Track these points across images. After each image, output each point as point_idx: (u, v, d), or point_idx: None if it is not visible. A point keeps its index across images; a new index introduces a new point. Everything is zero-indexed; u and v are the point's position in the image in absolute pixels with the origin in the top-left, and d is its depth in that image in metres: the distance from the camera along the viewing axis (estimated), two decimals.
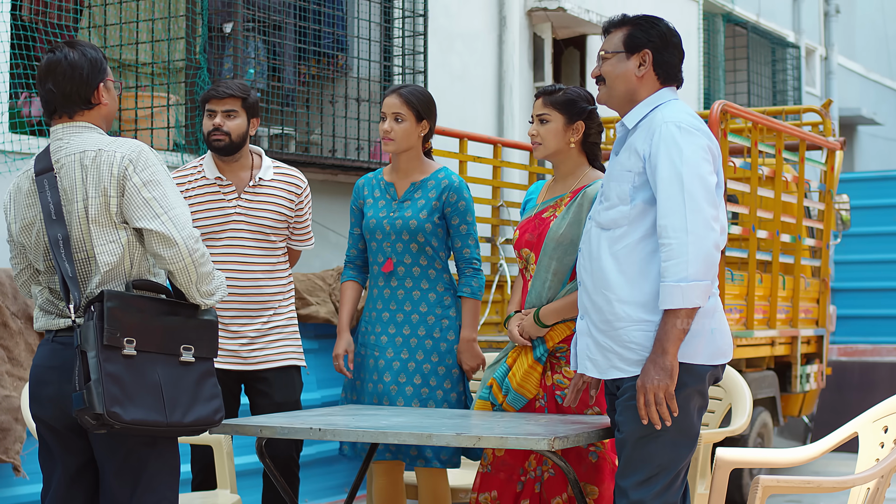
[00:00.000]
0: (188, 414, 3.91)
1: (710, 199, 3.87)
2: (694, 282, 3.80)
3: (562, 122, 4.78)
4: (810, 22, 17.28)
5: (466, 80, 10.09)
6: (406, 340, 5.14)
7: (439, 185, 5.17)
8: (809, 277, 9.15)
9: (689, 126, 3.93)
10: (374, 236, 5.19)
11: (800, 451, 4.44)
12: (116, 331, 3.82)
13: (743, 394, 5.33)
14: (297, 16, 8.10)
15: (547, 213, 4.82)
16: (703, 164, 3.89)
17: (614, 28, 4.12)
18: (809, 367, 8.92)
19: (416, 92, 5.15)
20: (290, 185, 5.39)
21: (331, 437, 4.21)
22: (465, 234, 5.19)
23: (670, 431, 3.90)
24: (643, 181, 3.96)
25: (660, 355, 3.84)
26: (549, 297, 4.75)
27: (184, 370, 3.95)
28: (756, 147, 7.87)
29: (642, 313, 3.92)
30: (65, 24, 7.20)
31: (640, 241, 3.96)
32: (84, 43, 4.09)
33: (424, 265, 5.15)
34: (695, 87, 13.62)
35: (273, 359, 5.31)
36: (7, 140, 6.36)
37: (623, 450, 3.97)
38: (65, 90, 3.98)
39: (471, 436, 4.04)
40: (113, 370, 3.77)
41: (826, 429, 10.02)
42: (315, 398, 7.14)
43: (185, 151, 7.35)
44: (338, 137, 8.33)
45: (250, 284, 5.27)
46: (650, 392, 3.84)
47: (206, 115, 5.30)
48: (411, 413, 4.73)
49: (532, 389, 4.75)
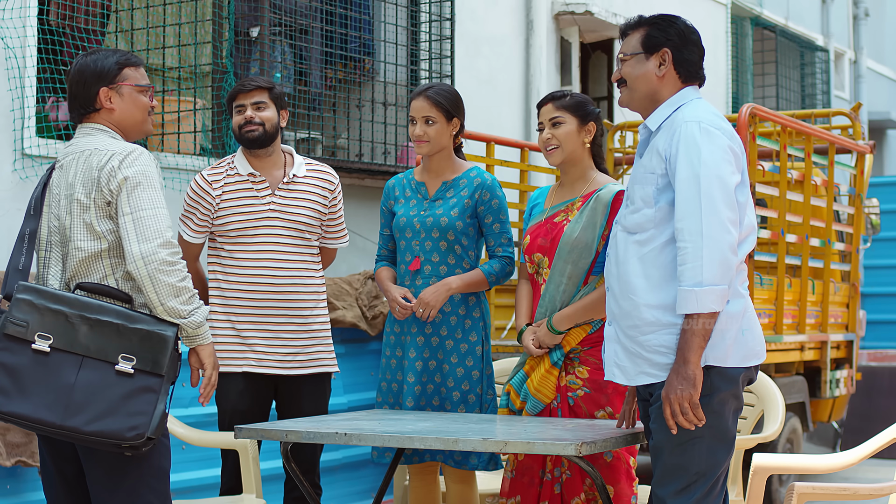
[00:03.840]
0: (93, 423, 3.81)
1: (728, 201, 3.80)
2: (709, 286, 3.75)
3: (576, 124, 4.81)
4: (839, 25, 17.18)
5: (493, 84, 10.07)
6: (428, 340, 5.11)
7: (472, 184, 5.15)
8: (839, 282, 9.09)
9: (710, 125, 3.87)
10: (403, 234, 5.17)
11: (838, 458, 4.38)
12: (24, 323, 3.82)
13: (776, 400, 5.28)
14: (323, 20, 8.10)
15: (559, 217, 4.81)
16: (722, 164, 3.83)
17: (632, 30, 4.08)
18: (839, 372, 8.85)
19: (443, 91, 5.13)
20: (323, 181, 5.37)
21: (356, 441, 4.19)
22: (499, 232, 5.17)
23: (706, 437, 3.84)
24: (666, 182, 3.91)
25: (681, 364, 3.79)
26: (563, 300, 4.75)
27: (117, 379, 3.85)
28: (785, 151, 7.82)
29: (671, 317, 3.87)
30: (92, 29, 7.22)
31: (666, 244, 3.90)
32: (105, 51, 4.17)
33: (452, 264, 5.13)
34: (723, 90, 13.54)
35: (308, 365, 5.29)
36: (34, 144, 6.37)
37: (659, 457, 3.90)
38: (71, 93, 4.12)
39: (497, 441, 4.02)
40: (8, 361, 3.82)
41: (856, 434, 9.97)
42: (342, 402, 7.12)
43: (212, 156, 7.35)
44: (365, 141, 8.32)
45: (286, 282, 5.24)
46: (674, 402, 3.79)
47: (236, 112, 5.27)
48: (437, 418, 4.71)
49: (549, 394, 4.75)
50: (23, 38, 6.34)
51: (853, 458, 4.35)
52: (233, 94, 5.30)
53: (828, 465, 4.38)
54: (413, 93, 5.19)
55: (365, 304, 7.32)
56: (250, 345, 5.22)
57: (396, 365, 5.17)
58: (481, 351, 5.15)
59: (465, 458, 5.03)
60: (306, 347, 5.29)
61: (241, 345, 5.21)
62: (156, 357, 3.90)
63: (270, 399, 5.35)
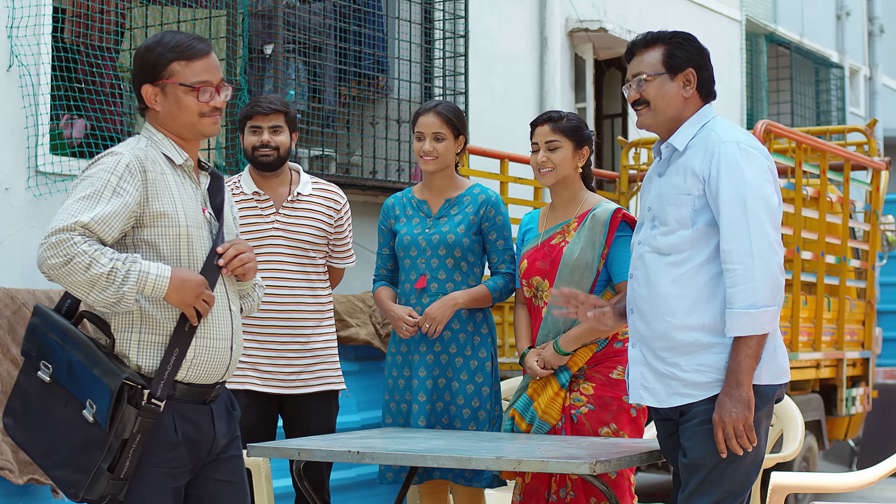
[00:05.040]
0: (55, 469, 3.47)
1: (774, 222, 3.80)
2: (763, 308, 3.73)
3: (571, 149, 4.85)
4: (854, 41, 17.15)
5: (507, 101, 10.06)
6: (437, 358, 5.09)
7: (476, 200, 5.13)
8: (855, 299, 9.05)
9: (749, 146, 3.85)
10: (408, 253, 5.15)
11: (856, 476, 4.36)
12: (32, 349, 3.53)
13: (795, 419, 5.24)
14: (337, 37, 8.09)
15: (555, 239, 4.83)
16: (765, 185, 3.81)
17: (646, 48, 4.01)
18: (855, 390, 8.81)
19: (451, 108, 5.14)
20: (328, 199, 5.37)
21: (369, 460, 4.17)
22: (503, 248, 5.16)
23: (746, 457, 3.82)
24: (703, 203, 3.86)
25: (734, 387, 3.75)
26: (566, 322, 4.74)
27: (83, 425, 3.44)
28: (800, 167, 7.79)
29: (711, 336, 3.84)
30: (106, 46, 7.22)
31: (703, 264, 3.86)
32: (169, 35, 3.67)
33: (459, 281, 5.11)
34: (738, 107, 13.51)
35: (312, 384, 5.28)
36: (48, 161, 6.37)
37: (694, 475, 3.86)
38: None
39: (511, 459, 3.99)
40: (24, 383, 3.54)
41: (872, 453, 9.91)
42: (355, 420, 7.10)
43: (226, 172, 7.34)
44: (378, 159, 8.31)
45: (289, 301, 5.24)
46: (729, 426, 3.75)
47: (250, 132, 5.26)
48: (450, 436, 4.69)
49: (556, 416, 4.76)
50: (37, 55, 6.35)
51: (871, 476, 4.33)
52: (248, 114, 5.28)
53: (846, 483, 4.35)
54: (420, 109, 5.18)
55: (379, 321, 7.30)
56: (253, 363, 5.22)
57: (405, 385, 5.14)
58: (491, 367, 5.13)
59: (476, 476, 5.00)
60: (310, 366, 5.28)
61: (245, 363, 5.20)
62: (101, 407, 3.40)
63: (276, 416, 5.34)
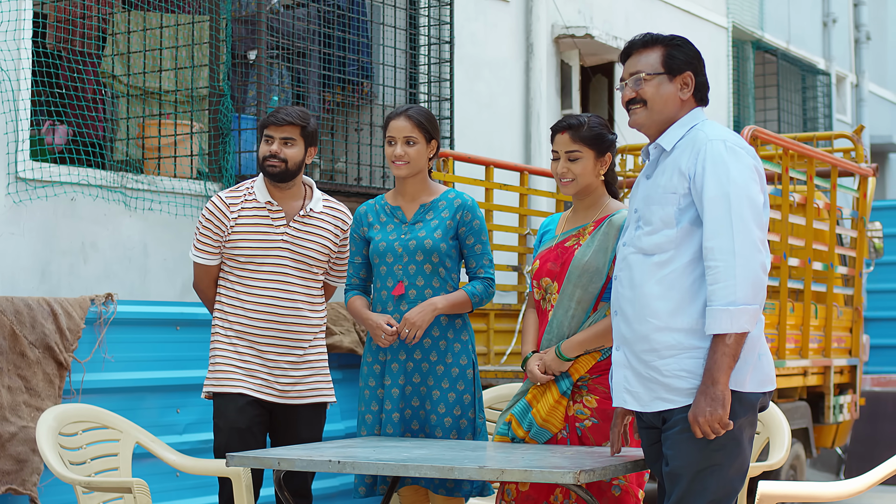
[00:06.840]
0: None
1: (758, 221, 3.76)
2: (743, 305, 3.69)
3: (592, 158, 4.69)
4: (840, 49, 17.16)
5: (493, 107, 10.02)
6: (417, 365, 5.02)
7: (452, 205, 5.07)
8: (842, 306, 9.02)
9: (736, 144, 3.83)
10: (384, 259, 5.07)
11: (845, 485, 4.32)
12: None
13: (781, 427, 5.20)
14: (321, 43, 8.04)
15: (570, 241, 4.72)
16: (751, 184, 3.78)
17: (645, 48, 3.98)
18: (842, 397, 8.78)
19: (423, 112, 5.07)
20: (337, 219, 5.42)
21: (350, 470, 4.11)
22: (480, 253, 5.09)
23: (725, 465, 3.77)
24: (689, 202, 3.84)
25: (710, 385, 3.71)
26: (571, 326, 4.65)
27: None
28: (787, 173, 7.76)
29: (693, 339, 3.80)
30: (89, 52, 7.17)
31: (687, 265, 3.83)
32: None
33: (437, 287, 5.04)
34: (724, 114, 13.51)
35: (305, 395, 5.33)
36: (28, 168, 6.31)
37: (677, 484, 3.81)
38: None
39: (494, 469, 3.94)
40: None
41: (860, 460, 9.88)
42: (339, 429, 7.05)
43: (209, 180, 7.29)
44: (363, 165, 8.26)
45: (291, 314, 5.28)
46: (704, 425, 3.71)
47: (264, 141, 5.29)
48: (433, 445, 4.63)
49: (557, 424, 4.65)
50: (17, 60, 6.30)
51: (860, 485, 4.29)
52: (265, 122, 5.31)
53: (834, 492, 4.31)
54: (391, 113, 5.11)
55: (362, 329, 7.25)
56: (250, 371, 5.25)
57: (384, 394, 5.05)
58: (472, 374, 5.06)
59: (457, 486, 4.94)
60: (304, 378, 5.33)
61: (241, 370, 5.24)
62: None
63: (268, 422, 5.34)
